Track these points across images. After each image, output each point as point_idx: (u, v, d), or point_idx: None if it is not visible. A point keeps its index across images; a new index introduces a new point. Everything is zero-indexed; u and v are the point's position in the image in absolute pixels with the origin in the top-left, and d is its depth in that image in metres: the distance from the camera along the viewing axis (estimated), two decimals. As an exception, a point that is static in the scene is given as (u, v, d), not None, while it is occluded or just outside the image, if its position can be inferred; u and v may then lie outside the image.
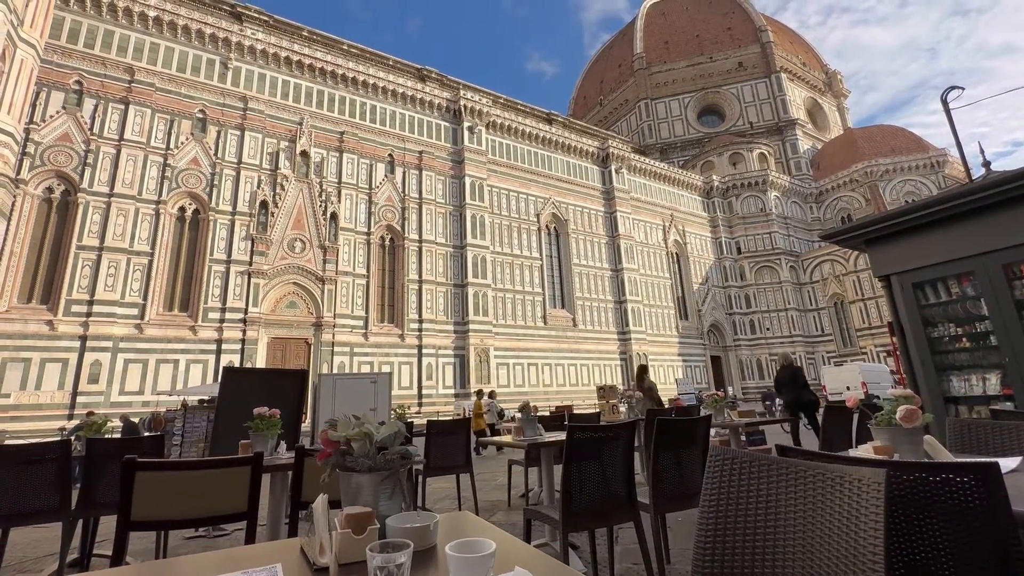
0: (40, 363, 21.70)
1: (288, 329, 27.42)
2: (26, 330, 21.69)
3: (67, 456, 3.23)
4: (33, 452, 3.21)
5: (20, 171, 22.22)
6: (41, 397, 21.36)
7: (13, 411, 20.56)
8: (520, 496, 5.58)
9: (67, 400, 21.54)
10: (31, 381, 21.40)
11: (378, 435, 0.97)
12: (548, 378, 35.21)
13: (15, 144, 20.67)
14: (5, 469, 3.12)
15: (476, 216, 34.66)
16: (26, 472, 3.13)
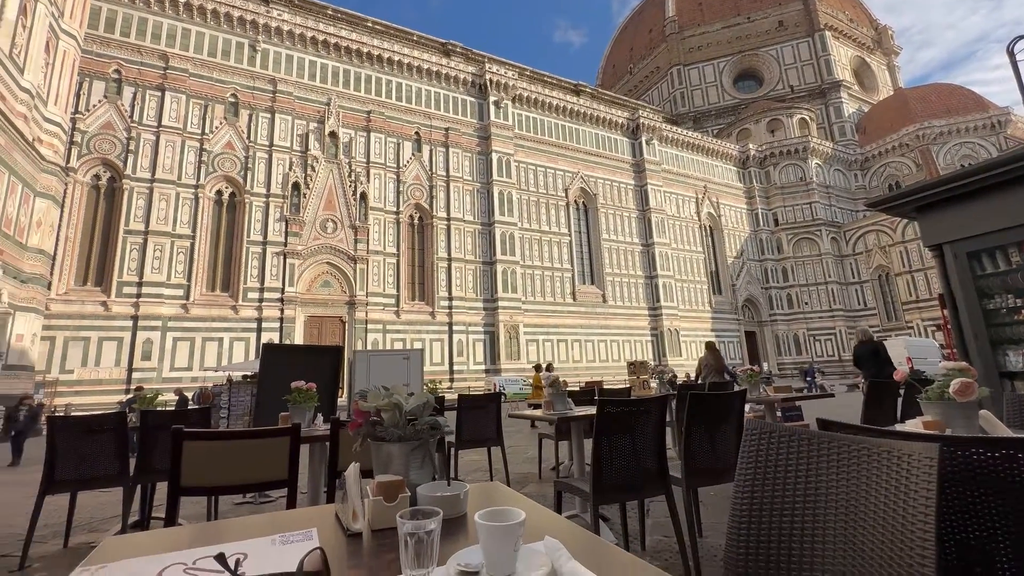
0: (98, 341, 23.13)
1: (323, 308, 28.24)
2: (83, 311, 23.08)
3: (123, 427, 3.45)
4: (93, 423, 3.43)
5: (69, 160, 23.29)
6: (100, 373, 22.85)
7: (76, 386, 22.09)
8: (551, 469, 5.65)
9: (124, 376, 22.95)
10: (91, 358, 22.88)
11: (407, 405, 0.97)
12: (578, 354, 35.23)
13: (63, 134, 21.62)
14: (70, 439, 3.36)
15: (503, 193, 34.43)
16: (88, 441, 3.37)
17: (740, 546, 1.30)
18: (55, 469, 3.27)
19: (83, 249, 24.05)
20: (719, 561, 2.89)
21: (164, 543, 0.84)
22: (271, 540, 0.82)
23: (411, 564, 0.66)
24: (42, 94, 19.76)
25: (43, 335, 20.81)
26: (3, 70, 17.18)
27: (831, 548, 1.18)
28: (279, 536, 0.83)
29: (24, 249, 19.04)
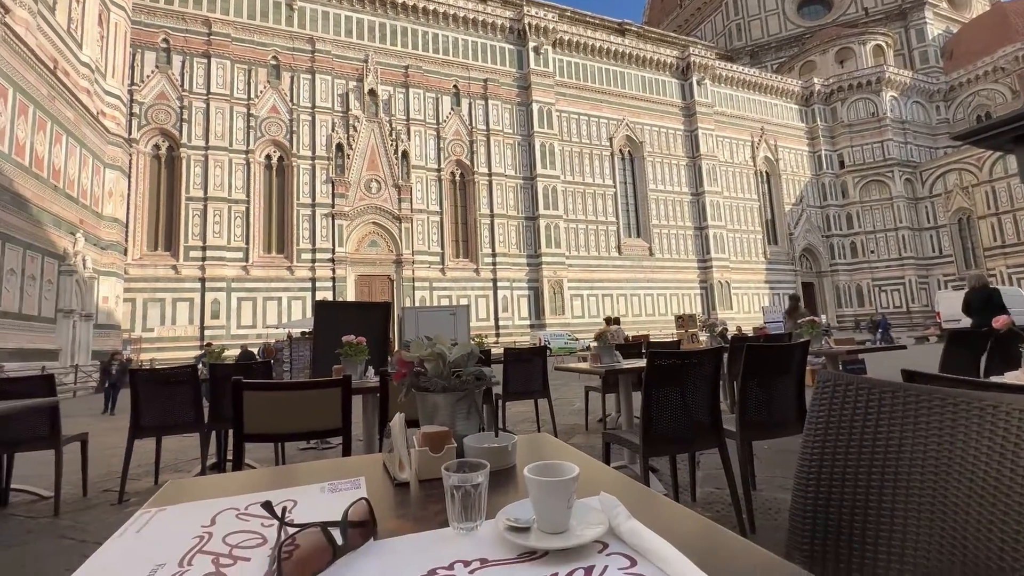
0: (172, 302, 25.03)
1: (372, 267, 29.11)
2: (157, 274, 24.90)
3: (195, 379, 3.72)
4: (169, 376, 3.73)
5: (131, 131, 24.48)
6: (177, 331, 24.85)
7: (157, 343, 24.18)
8: (597, 421, 5.69)
9: (197, 333, 24.86)
10: (167, 317, 24.87)
11: (451, 356, 0.93)
12: (623, 308, 34.83)
13: (123, 106, 22.62)
14: (150, 390, 3.67)
15: (545, 145, 33.46)
16: (166, 392, 3.67)
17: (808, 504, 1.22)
18: (140, 416, 3.59)
19: (151, 216, 25.65)
20: (773, 514, 2.82)
21: (221, 488, 0.86)
22: (320, 488, 0.81)
23: (458, 517, 0.63)
24: (100, 67, 20.61)
25: (124, 297, 22.70)
26: (64, 46, 17.97)
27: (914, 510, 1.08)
28: (328, 484, 0.82)
29: (100, 218, 20.51)
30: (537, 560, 0.56)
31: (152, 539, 0.65)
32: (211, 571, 0.56)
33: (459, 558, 0.56)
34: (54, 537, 2.88)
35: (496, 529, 0.61)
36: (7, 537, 2.89)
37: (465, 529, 0.63)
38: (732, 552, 0.60)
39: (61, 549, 2.68)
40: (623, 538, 0.59)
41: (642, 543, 0.56)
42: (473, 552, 0.58)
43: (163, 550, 0.61)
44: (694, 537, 0.65)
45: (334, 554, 0.56)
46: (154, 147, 26.05)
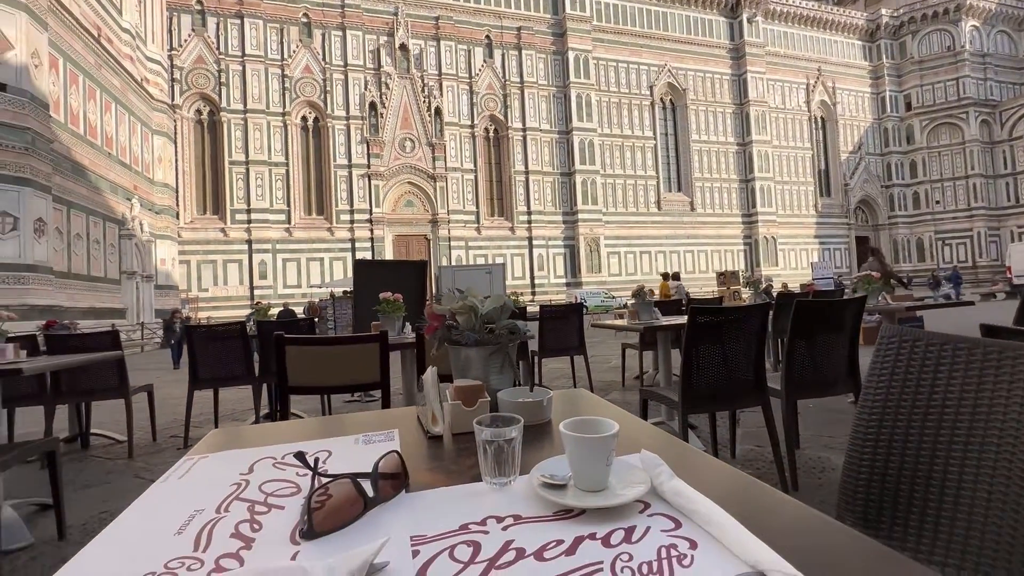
0: (223, 264, 26.26)
1: (408, 227, 29.40)
2: (207, 237, 26.05)
3: (245, 334, 3.90)
4: (221, 332, 3.92)
5: (173, 97, 25.07)
6: (229, 291, 26.18)
7: (212, 302, 25.60)
8: (634, 378, 5.66)
9: (247, 293, 26.12)
10: (219, 278, 26.18)
11: (483, 308, 0.89)
12: (662, 265, 34.01)
13: (164, 72, 23.10)
14: (207, 345, 3.89)
15: (581, 95, 32.09)
16: (219, 347, 3.87)
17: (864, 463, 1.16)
18: (197, 369, 3.82)
19: (198, 181, 26.58)
20: (817, 473, 2.75)
21: (261, 437, 0.87)
22: (355, 439, 0.82)
23: (491, 472, 0.61)
24: (140, 33, 20.95)
25: (179, 259, 23.97)
26: (105, 13, 18.29)
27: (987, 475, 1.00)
28: (362, 436, 0.82)
29: (152, 184, 21.43)
30: (573, 518, 0.53)
31: (193, 485, 0.67)
32: (246, 517, 0.56)
33: (492, 513, 0.54)
34: (130, 477, 3.16)
35: (530, 485, 0.59)
36: (90, 477, 3.19)
37: (498, 484, 0.61)
38: (779, 511, 0.56)
39: (137, 487, 2.94)
40: (666, 498, 0.55)
41: (688, 504, 0.52)
42: (506, 508, 0.55)
43: (202, 496, 0.62)
44: (737, 494, 0.60)
45: (365, 505, 0.55)
46: (196, 112, 26.65)
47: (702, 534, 0.48)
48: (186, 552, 0.49)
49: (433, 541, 0.49)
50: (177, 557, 0.48)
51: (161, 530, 0.54)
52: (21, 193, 13.25)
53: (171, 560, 0.47)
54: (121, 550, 0.51)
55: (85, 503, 2.71)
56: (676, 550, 0.45)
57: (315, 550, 0.49)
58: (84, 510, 2.61)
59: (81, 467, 3.40)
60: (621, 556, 0.45)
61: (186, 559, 0.48)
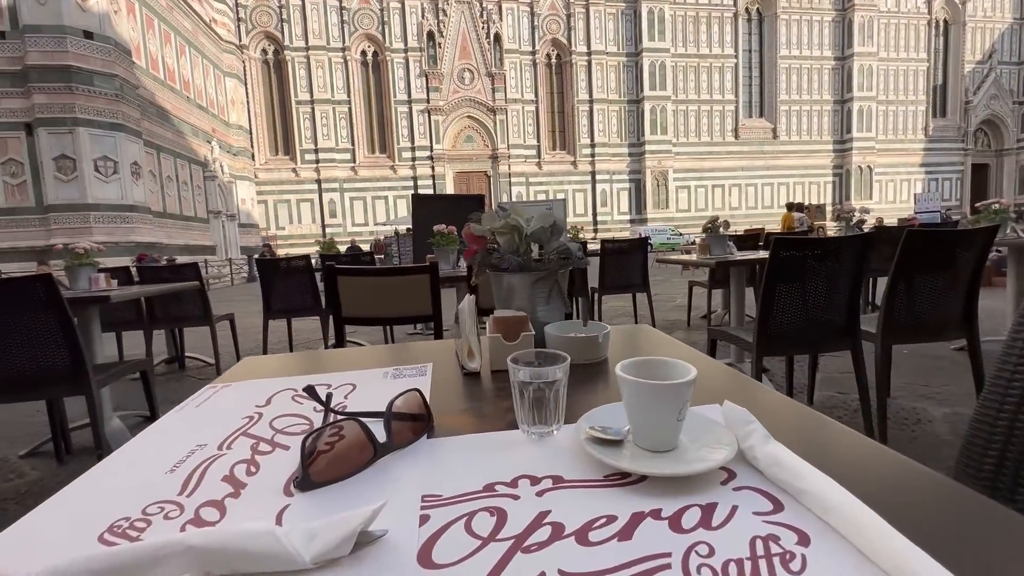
0: (296, 203, 27.57)
1: (468, 163, 29.08)
2: (281, 177, 27.27)
3: (310, 267, 4.04)
4: (287, 265, 4.08)
5: (240, 37, 25.48)
6: (303, 229, 27.65)
7: (289, 239, 27.22)
8: (701, 317, 5.37)
9: (320, 231, 27.46)
10: (294, 216, 27.62)
11: (528, 228, 0.74)
12: (736, 200, 31.73)
13: (230, 11, 23.37)
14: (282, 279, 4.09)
15: (653, 10, 29.04)
16: (287, 280, 4.06)
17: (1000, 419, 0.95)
18: (270, 301, 4.04)
19: (269, 122, 27.48)
20: (911, 425, 2.48)
21: (290, 366, 0.81)
22: (384, 372, 0.73)
23: (528, 419, 0.49)
24: (204, -29, 21.06)
25: (257, 199, 25.41)
26: (170, -49, 18.45)
27: None
28: (393, 369, 0.74)
29: (228, 126, 22.41)
30: (631, 485, 0.40)
31: (206, 416, 0.61)
32: (246, 457, 0.49)
33: (526, 472, 0.43)
34: (218, 396, 3.48)
35: (577, 439, 0.47)
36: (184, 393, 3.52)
37: (537, 434, 0.50)
38: (886, 468, 0.41)
39: (223, 405, 3.23)
40: (759, 467, 0.41)
41: (792, 479, 0.38)
42: (545, 466, 0.44)
43: (211, 429, 0.56)
44: (831, 447, 0.46)
45: (375, 452, 0.46)
46: (262, 52, 27.04)
47: (814, 522, 0.34)
48: (170, 495, 0.42)
49: (448, 504, 0.39)
50: (158, 501, 0.41)
51: (155, 466, 0.48)
52: (116, 138, 14.31)
53: (150, 504, 0.41)
54: (112, 484, 0.45)
55: (180, 417, 3.01)
56: (778, 544, 0.32)
57: (307, 504, 0.40)
58: (179, 423, 2.89)
59: (178, 385, 3.79)
60: (698, 547, 0.32)
61: (166, 504, 0.41)
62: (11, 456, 2.54)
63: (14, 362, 1.99)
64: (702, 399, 0.55)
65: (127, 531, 0.37)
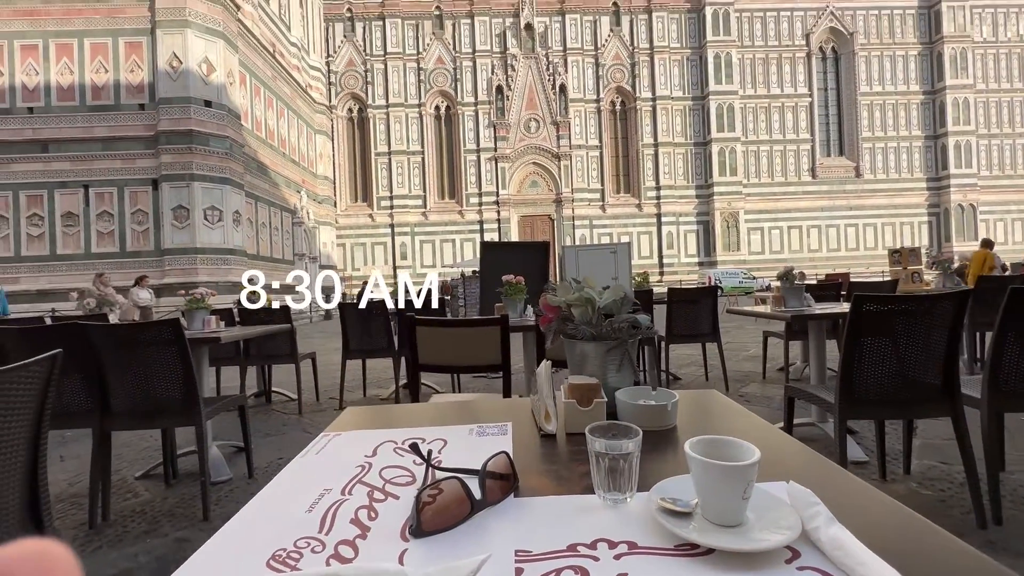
0: (371, 246, 29.43)
1: (533, 207, 29.84)
2: (358, 222, 29.36)
3: (386, 312, 4.32)
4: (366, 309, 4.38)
5: (330, 99, 28.40)
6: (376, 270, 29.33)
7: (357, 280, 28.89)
8: (777, 370, 5.07)
9: (391, 272, 28.99)
10: (369, 258, 29.43)
11: (600, 301, 0.82)
12: (815, 242, 29.94)
13: (323, 77, 26.22)
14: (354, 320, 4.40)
15: (720, 55, 29.09)
16: (366, 322, 4.34)
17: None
18: (349, 342, 4.34)
19: (350, 172, 29.97)
20: (1033, 505, 2.19)
21: (387, 418, 0.92)
22: (469, 430, 0.82)
23: (604, 485, 0.56)
24: (304, 46, 23.98)
25: (336, 242, 27.43)
26: (277, 31, 21.25)
27: None
28: (476, 427, 0.83)
29: (315, 177, 24.68)
30: (700, 556, 0.45)
31: (325, 463, 0.72)
32: (365, 503, 0.59)
33: (604, 536, 0.49)
34: (299, 430, 3.73)
35: (649, 507, 0.52)
36: (270, 427, 3.84)
37: (612, 501, 0.55)
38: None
39: (304, 440, 3.46)
40: (823, 549, 0.44)
41: (856, 565, 0.41)
42: (620, 531, 0.50)
43: (331, 475, 0.67)
44: (911, 543, 0.47)
45: (472, 507, 0.54)
46: (348, 110, 29.90)
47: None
48: (312, 532, 0.53)
49: (539, 560, 0.46)
50: (304, 536, 0.52)
51: (296, 504, 0.59)
52: (223, 190, 16.22)
53: (299, 539, 0.51)
54: (265, 521, 0.56)
55: (267, 449, 3.27)
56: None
57: (421, 549, 0.49)
58: (266, 455, 3.14)
59: (265, 418, 4.11)
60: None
61: (311, 539, 0.51)
62: (128, 477, 2.87)
63: (142, 394, 2.30)
64: (770, 475, 0.58)
65: (286, 560, 0.47)
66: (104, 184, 15.75)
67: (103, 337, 2.23)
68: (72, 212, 15.70)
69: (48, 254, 15.71)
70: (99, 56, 15.71)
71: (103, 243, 15.79)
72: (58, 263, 15.72)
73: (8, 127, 15.48)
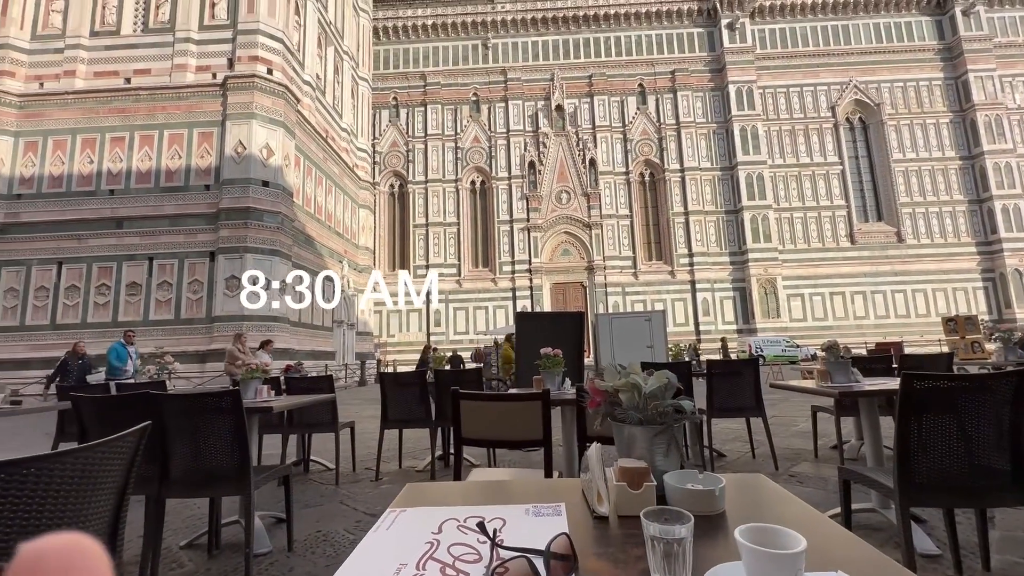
0: (406, 313, 30.13)
1: (565, 275, 30.22)
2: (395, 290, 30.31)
3: (424, 382, 4.40)
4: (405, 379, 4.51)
5: (374, 176, 30.52)
6: (410, 336, 29.80)
7: (398, 347, 29.32)
8: (831, 448, 4.77)
9: (424, 338, 29.35)
10: (403, 325, 30.02)
11: (646, 387, 0.89)
12: (861, 309, 28.77)
13: (368, 157, 28.38)
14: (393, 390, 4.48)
15: (746, 128, 30.01)
16: (404, 392, 4.43)
17: None
18: (387, 411, 4.40)
19: (389, 242, 31.43)
20: None
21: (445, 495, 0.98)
22: (525, 509, 0.87)
23: (660, 569, 0.60)
24: (353, 130, 26.25)
25: (373, 309, 28.24)
26: (331, 118, 23.45)
27: None
28: (532, 507, 0.87)
29: (357, 248, 25.98)
30: (756, 643, 0.49)
31: (396, 538, 0.79)
32: (439, 579, 0.64)
33: (664, 619, 0.53)
34: (336, 502, 3.73)
35: (704, 593, 0.56)
36: (309, 497, 3.85)
37: (668, 585, 0.59)
38: None
39: (341, 512, 3.46)
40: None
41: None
42: (679, 615, 0.54)
43: (404, 550, 0.73)
44: None
45: (539, 587, 0.59)
46: (389, 186, 31.96)
47: None
48: (396, 605, 0.59)
49: (605, 639, 0.50)
50: (390, 609, 0.58)
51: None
52: (272, 261, 17.27)
53: (386, 611, 0.57)
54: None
55: (305, 520, 3.28)
56: None
57: (497, 626, 0.54)
58: (304, 527, 3.14)
59: (303, 488, 4.13)
60: None
61: (397, 612, 0.57)
62: (173, 546, 2.92)
63: (198, 462, 2.41)
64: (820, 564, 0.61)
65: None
66: (167, 256, 17.07)
67: (171, 405, 2.39)
68: (136, 282, 16.96)
69: (110, 321, 16.81)
70: (175, 145, 17.65)
71: (160, 311, 16.84)
72: (118, 330, 16.75)
73: (90, 207, 17.26)
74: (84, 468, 1.10)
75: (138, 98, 17.81)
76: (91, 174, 17.49)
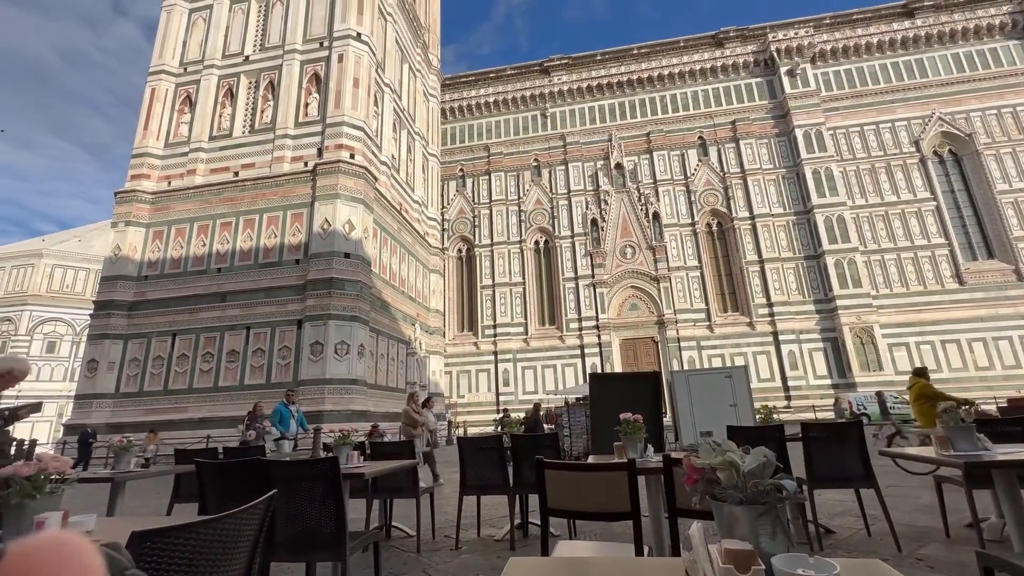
0: (475, 373, 30.42)
1: (634, 330, 29.41)
2: (464, 351, 30.88)
3: (501, 447, 4.41)
4: (482, 443, 4.53)
5: (443, 243, 32.22)
6: (480, 397, 29.88)
7: (468, 407, 29.46)
8: (966, 526, 4.12)
9: (493, 398, 29.32)
10: (473, 386, 30.25)
11: (745, 465, 0.91)
12: (982, 358, 25.30)
13: (438, 226, 30.17)
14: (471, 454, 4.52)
15: (819, 171, 28.80)
16: (481, 456, 4.45)
17: None
18: (466, 477, 4.43)
19: (459, 305, 32.46)
20: None
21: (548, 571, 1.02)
22: (631, 590, 0.88)
23: (782, 662, 0.61)
24: (424, 201, 28.21)
25: (444, 370, 28.80)
26: (404, 192, 25.42)
27: None
28: (637, 587, 0.89)
29: (428, 311, 27.07)
30: None
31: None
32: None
33: None
34: (419, 571, 3.73)
35: None
36: (391, 565, 3.89)
37: None
38: None
39: (423, 582, 3.44)
40: None
41: None
42: None
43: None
44: None
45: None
46: (457, 251, 33.49)
47: None
48: None
49: None
50: None
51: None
52: (352, 327, 18.38)
53: None
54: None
55: (390, 590, 3.30)
56: None
57: None
58: (390, 597, 3.16)
59: (387, 555, 4.18)
60: None
61: None
62: (271, 610, 3.04)
63: (299, 526, 2.56)
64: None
65: None
66: (261, 325, 18.72)
67: (278, 471, 2.59)
68: (235, 350, 18.65)
69: (211, 386, 18.44)
70: (272, 225, 19.83)
71: (254, 376, 18.27)
72: (218, 394, 18.32)
73: (201, 283, 19.55)
74: (230, 531, 1.25)
75: (244, 188, 20.44)
76: (203, 255, 19.96)
